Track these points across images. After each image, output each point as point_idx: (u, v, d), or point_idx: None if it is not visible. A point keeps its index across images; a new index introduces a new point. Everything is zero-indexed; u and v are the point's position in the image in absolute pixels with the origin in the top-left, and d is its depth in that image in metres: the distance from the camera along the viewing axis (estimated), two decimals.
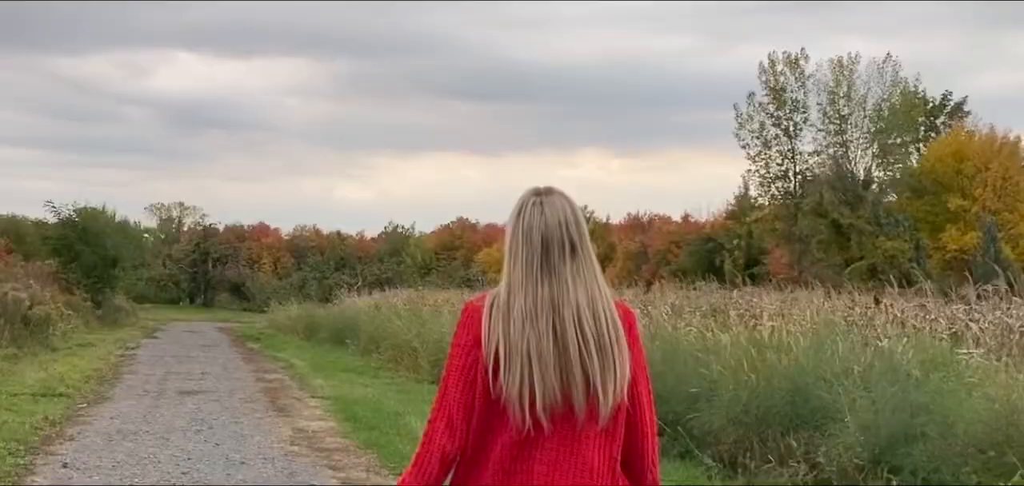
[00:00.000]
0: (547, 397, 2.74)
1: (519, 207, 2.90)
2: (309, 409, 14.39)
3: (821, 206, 49.63)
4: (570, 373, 2.76)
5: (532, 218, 2.86)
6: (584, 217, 2.97)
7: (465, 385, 2.80)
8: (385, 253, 68.69)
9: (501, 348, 2.75)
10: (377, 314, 25.41)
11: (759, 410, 9.62)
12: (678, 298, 19.41)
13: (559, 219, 2.86)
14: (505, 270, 2.87)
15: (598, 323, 2.80)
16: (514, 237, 2.87)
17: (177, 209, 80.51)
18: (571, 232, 2.86)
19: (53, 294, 27.51)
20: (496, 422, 2.79)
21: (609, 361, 2.78)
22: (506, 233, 2.93)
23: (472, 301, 2.92)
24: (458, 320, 2.89)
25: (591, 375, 2.76)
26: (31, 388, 15.02)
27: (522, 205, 2.90)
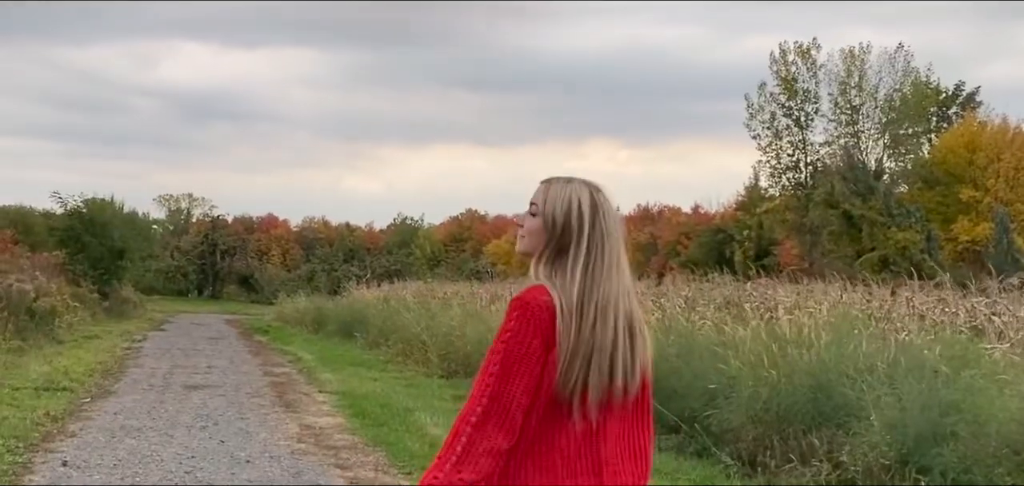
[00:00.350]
0: (601, 390, 2.80)
1: (591, 201, 2.92)
2: (316, 404, 14.12)
3: (832, 197, 49.31)
4: (617, 363, 2.83)
5: (611, 211, 2.92)
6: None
7: (529, 389, 2.77)
8: (394, 245, 68.46)
9: (572, 346, 2.77)
10: (386, 307, 25.15)
11: (780, 407, 9.33)
12: (691, 291, 19.13)
13: (618, 219, 2.95)
14: (579, 264, 2.84)
15: (633, 310, 2.90)
16: (595, 231, 2.87)
17: (186, 200, 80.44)
18: (621, 234, 2.93)
19: (59, 286, 27.26)
20: (558, 416, 2.81)
21: (639, 345, 2.89)
22: (578, 226, 2.89)
23: (531, 297, 2.84)
24: (516, 315, 2.81)
25: (629, 362, 2.86)
26: (34, 382, 14.77)
27: (595, 199, 2.93)
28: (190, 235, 70.06)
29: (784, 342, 9.89)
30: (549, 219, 2.94)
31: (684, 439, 10.86)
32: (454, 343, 17.98)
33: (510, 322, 2.82)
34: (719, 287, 19.27)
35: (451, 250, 75.05)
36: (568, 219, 2.91)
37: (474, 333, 17.37)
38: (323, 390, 15.73)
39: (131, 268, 40.19)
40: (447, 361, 18.23)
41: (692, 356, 11.39)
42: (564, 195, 2.95)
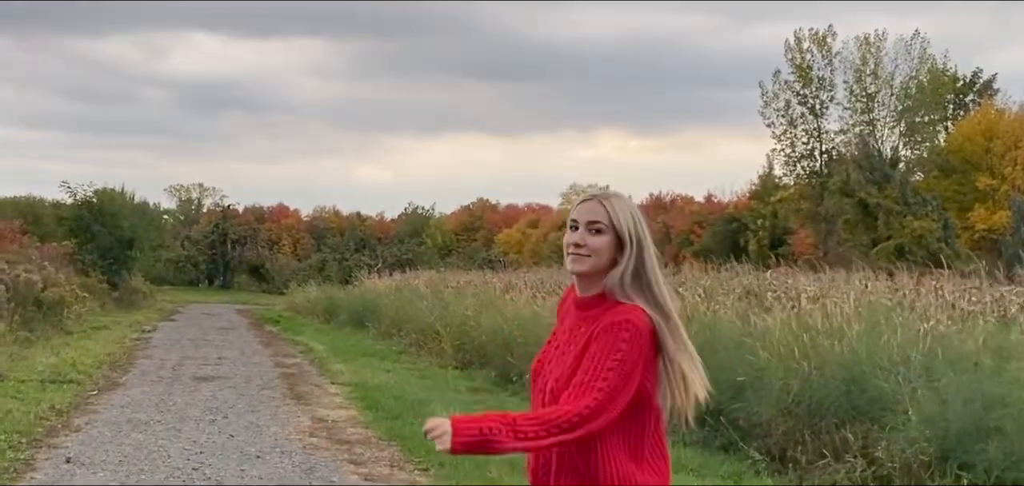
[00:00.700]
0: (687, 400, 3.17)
1: (637, 208, 3.11)
2: (329, 396, 13.78)
3: (848, 185, 48.89)
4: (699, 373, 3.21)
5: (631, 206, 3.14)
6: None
7: (627, 404, 2.98)
8: (405, 234, 68.12)
9: (674, 361, 3.12)
10: (398, 296, 24.79)
11: (811, 400, 8.94)
12: (710, 280, 18.77)
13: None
14: (659, 278, 3.08)
15: None
16: (649, 243, 3.09)
17: (197, 190, 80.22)
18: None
19: (68, 276, 26.99)
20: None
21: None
22: (642, 239, 3.06)
23: (637, 319, 2.99)
24: (627, 336, 2.97)
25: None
26: (40, 374, 14.45)
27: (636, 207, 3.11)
28: (201, 225, 69.82)
29: (815, 333, 9.49)
30: (623, 232, 3.05)
31: (709, 433, 10.47)
32: (469, 333, 17.62)
33: (622, 343, 2.94)
34: (738, 276, 18.91)
35: (462, 239, 74.72)
36: (636, 229, 3.06)
37: (489, 323, 17.01)
38: (335, 382, 15.39)
39: (141, 258, 39.92)
40: (461, 351, 17.87)
41: (716, 347, 11.00)
42: (625, 207, 3.09)
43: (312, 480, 8.48)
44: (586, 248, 3.07)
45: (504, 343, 15.71)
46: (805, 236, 52.81)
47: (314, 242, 69.88)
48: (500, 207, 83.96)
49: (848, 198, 48.65)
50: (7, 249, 25.93)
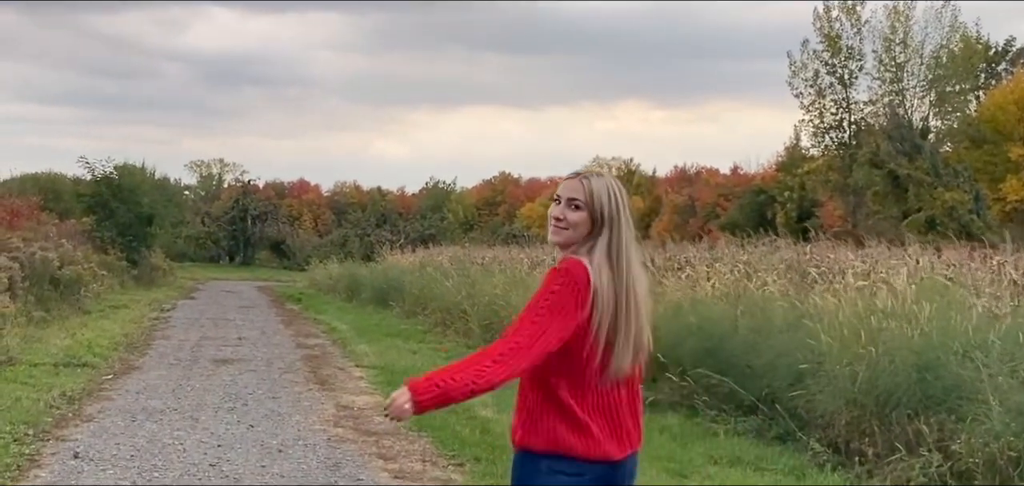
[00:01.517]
0: (627, 361, 3.33)
1: (620, 193, 3.36)
2: (353, 381, 13.13)
3: (877, 157, 48.08)
4: (641, 340, 3.40)
5: (629, 204, 3.39)
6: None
7: (561, 339, 3.28)
8: (427, 209, 67.47)
9: (605, 321, 3.30)
10: (422, 274, 24.11)
11: (881, 389, 8.21)
12: (748, 254, 18.06)
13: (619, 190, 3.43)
14: (613, 249, 3.31)
15: (641, 292, 3.42)
16: (622, 220, 3.32)
17: (217, 166, 79.82)
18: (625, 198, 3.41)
19: (86, 253, 26.43)
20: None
21: (645, 324, 3.45)
22: (613, 215, 3.32)
23: (572, 265, 3.31)
24: (560, 279, 3.30)
25: (644, 339, 3.42)
26: (54, 357, 13.85)
27: (621, 192, 3.39)
28: (221, 201, 69.35)
29: (883, 315, 8.74)
30: (596, 211, 3.34)
31: (763, 422, 9.78)
32: (498, 312, 16.92)
33: (554, 285, 3.26)
34: (777, 250, 18.18)
35: (484, 213, 74.12)
36: (609, 209, 3.32)
37: (520, 301, 16.27)
38: (360, 364, 14.75)
39: (161, 234, 39.38)
40: (490, 331, 17.17)
41: (769, 329, 10.30)
42: (603, 187, 3.36)
43: (338, 478, 7.81)
44: (565, 222, 3.37)
45: None
46: (833, 208, 52.17)
47: (335, 217, 69.38)
48: (522, 181, 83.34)
49: (878, 169, 47.87)
50: (22, 226, 25.36)
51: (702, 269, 17.15)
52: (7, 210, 27.51)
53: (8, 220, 26.17)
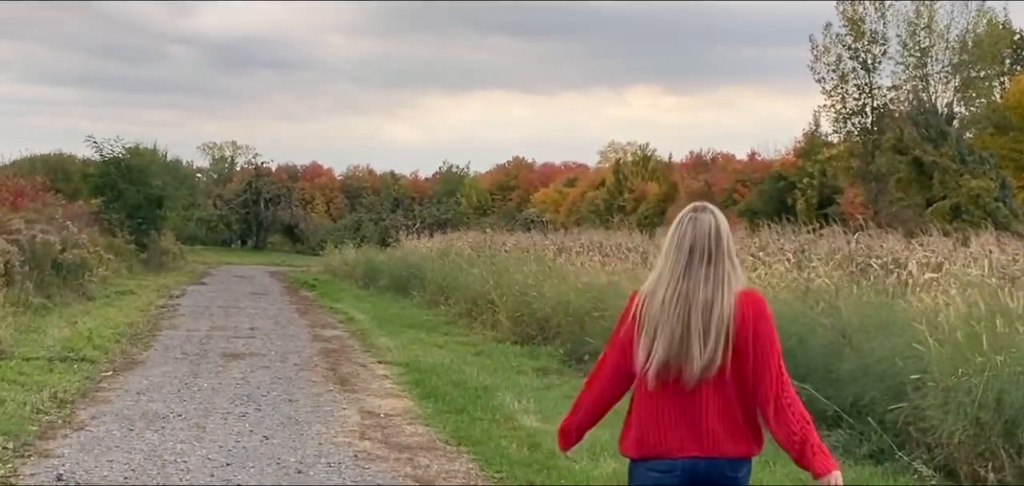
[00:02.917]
0: (662, 363, 3.66)
1: (677, 221, 3.81)
2: (377, 380, 11.91)
3: (902, 143, 46.90)
4: (688, 351, 3.64)
5: (685, 231, 3.74)
6: (725, 229, 3.78)
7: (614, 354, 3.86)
8: (441, 194, 66.24)
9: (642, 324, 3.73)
10: (444, 261, 22.86)
11: (1010, 406, 6.96)
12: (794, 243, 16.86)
13: (705, 232, 3.71)
14: (658, 265, 3.79)
15: (713, 313, 3.64)
16: (670, 243, 3.76)
17: (230, 149, 78.70)
18: (710, 244, 3.70)
19: (92, 236, 25.27)
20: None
21: (710, 343, 3.62)
22: (665, 239, 3.82)
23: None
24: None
25: (698, 354, 3.63)
26: (50, 350, 12.67)
27: (680, 219, 3.80)
28: (234, 184, 68.21)
29: (1014, 317, 7.47)
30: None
31: (852, 437, 8.54)
32: (530, 304, 15.69)
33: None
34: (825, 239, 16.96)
35: (498, 199, 72.90)
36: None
37: (554, 293, 15.10)
38: (382, 360, 13.54)
39: (171, 217, 38.23)
40: (520, 324, 15.97)
41: (861, 331, 9.06)
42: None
43: None
44: None
45: (574, 316, 13.80)
46: (854, 195, 50.98)
47: (348, 202, 68.19)
48: (536, 166, 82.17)
49: (901, 156, 46.81)
50: (25, 207, 24.18)
51: (747, 257, 15.96)
52: (10, 190, 26.32)
53: (11, 201, 24.98)
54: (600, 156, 78.87)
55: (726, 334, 3.62)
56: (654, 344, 3.63)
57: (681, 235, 3.71)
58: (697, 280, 3.65)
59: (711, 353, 3.59)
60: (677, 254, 3.69)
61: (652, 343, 3.64)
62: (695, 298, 3.63)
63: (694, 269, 3.66)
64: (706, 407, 3.64)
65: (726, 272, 3.69)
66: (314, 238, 56.70)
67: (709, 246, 3.68)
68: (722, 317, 3.62)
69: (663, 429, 3.65)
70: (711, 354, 3.59)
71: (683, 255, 3.68)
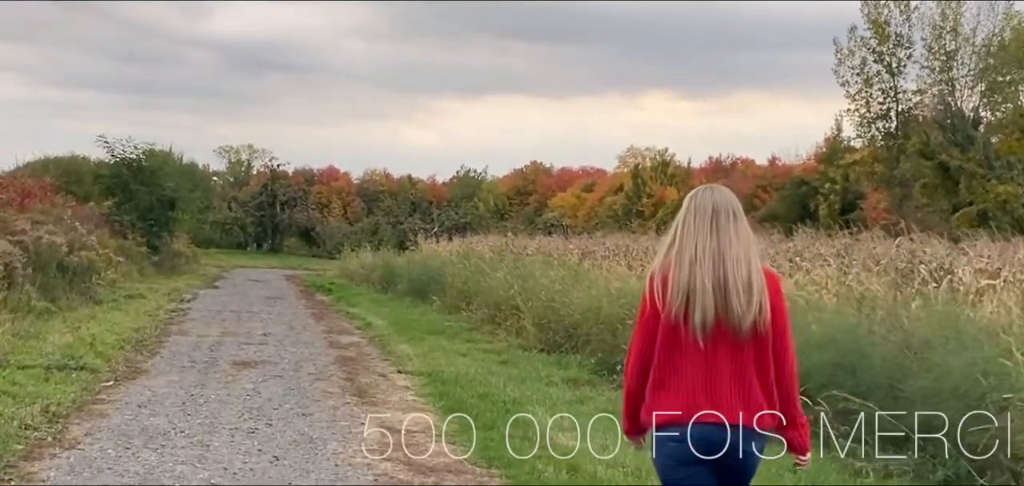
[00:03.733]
0: (706, 318, 3.80)
1: (692, 194, 4.00)
2: (397, 391, 11.08)
3: (928, 147, 46.13)
4: (727, 302, 3.80)
5: (703, 197, 3.95)
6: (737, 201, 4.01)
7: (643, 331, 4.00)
8: (458, 198, 65.53)
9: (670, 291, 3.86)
10: (466, 265, 22.00)
11: None
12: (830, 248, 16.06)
13: (725, 197, 3.94)
14: (674, 236, 3.93)
15: (750, 270, 3.82)
16: (688, 212, 3.92)
17: (246, 152, 78.14)
18: (733, 206, 3.92)
19: (102, 238, 24.55)
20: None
21: (754, 298, 3.79)
22: (681, 212, 3.96)
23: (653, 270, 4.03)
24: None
25: (740, 305, 3.79)
26: (48, 358, 11.87)
27: (695, 192, 4.00)
28: (250, 187, 67.60)
29: None
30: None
31: (923, 462, 7.67)
32: (557, 310, 14.83)
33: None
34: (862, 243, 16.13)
35: (515, 203, 72.16)
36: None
37: (583, 299, 14.24)
38: (403, 369, 12.70)
39: (184, 219, 37.51)
40: (547, 331, 15.11)
41: (928, 344, 8.19)
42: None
43: None
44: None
45: (606, 323, 12.94)
46: (878, 200, 50.22)
47: (365, 205, 67.52)
48: (553, 170, 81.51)
49: (927, 161, 46.15)
50: (32, 208, 23.46)
51: (783, 262, 15.14)
52: (18, 191, 25.64)
53: (19, 201, 24.29)
54: (618, 161, 78.24)
55: (764, 293, 3.81)
56: (691, 304, 3.77)
57: (701, 201, 3.89)
58: (728, 236, 3.81)
59: (756, 307, 3.77)
60: (700, 217, 3.84)
61: (687, 304, 3.78)
62: (728, 252, 3.79)
63: (722, 227, 3.82)
64: (740, 369, 3.84)
65: (750, 237, 3.88)
66: (331, 241, 56.02)
67: (732, 208, 3.87)
68: (760, 274, 3.82)
69: (695, 391, 3.82)
70: (757, 308, 3.77)
71: (707, 216, 3.83)
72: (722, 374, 3.80)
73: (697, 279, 3.77)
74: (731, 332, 3.77)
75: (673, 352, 3.84)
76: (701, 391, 3.79)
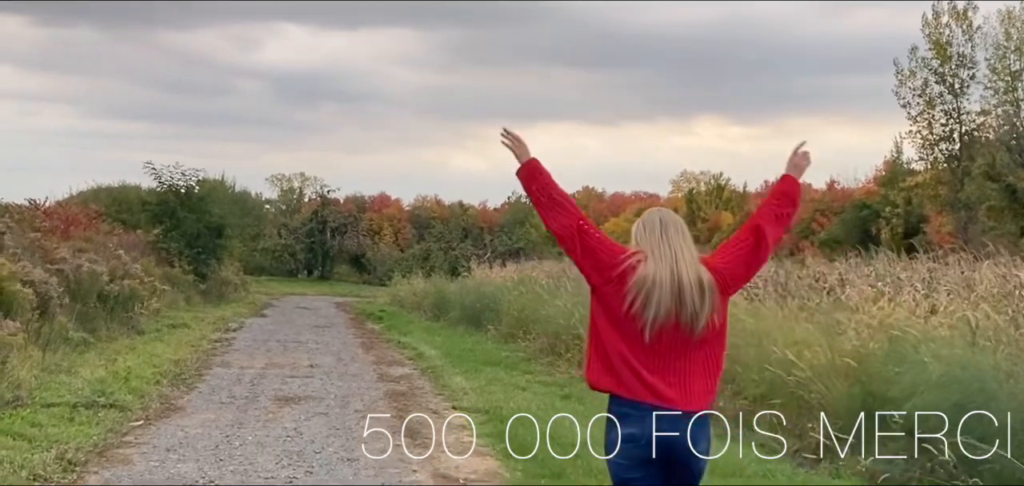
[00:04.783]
0: (656, 320, 4.20)
1: (643, 217, 4.41)
2: (453, 431, 10.05)
3: (993, 169, 44.55)
4: (681, 303, 4.19)
5: (653, 214, 4.42)
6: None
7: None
8: (511, 223, 64.61)
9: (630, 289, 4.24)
10: (522, 291, 20.92)
11: None
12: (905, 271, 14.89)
13: (673, 215, 4.41)
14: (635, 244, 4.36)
15: (701, 274, 4.23)
16: (641, 230, 4.36)
17: (298, 180, 77.88)
18: (680, 223, 4.38)
19: (147, 266, 23.79)
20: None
21: (706, 299, 4.20)
22: (633, 236, 4.40)
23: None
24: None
25: (694, 304, 4.19)
26: (77, 394, 10.98)
27: (645, 215, 4.43)
28: (301, 214, 67.15)
29: None
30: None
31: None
32: None
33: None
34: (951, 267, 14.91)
35: None
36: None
37: None
38: (458, 405, 11.67)
39: (234, 247, 36.82)
40: None
41: None
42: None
43: None
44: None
45: None
46: (941, 224, 48.74)
47: (416, 232, 66.80)
48: (606, 196, 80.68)
49: (993, 183, 44.51)
50: (75, 236, 22.75)
51: (865, 288, 13.92)
52: (62, 219, 24.97)
53: (62, 229, 23.59)
54: (672, 185, 77.17)
55: (716, 295, 4.19)
56: (648, 305, 4.12)
57: (651, 221, 4.31)
58: (679, 246, 4.21)
59: (710, 309, 4.15)
60: (651, 230, 4.26)
61: (644, 304, 4.12)
62: (680, 256, 4.19)
63: (672, 238, 4.22)
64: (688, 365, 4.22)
65: (695, 252, 4.27)
66: (382, 268, 55.26)
67: (679, 225, 4.28)
68: (711, 278, 4.19)
69: (641, 380, 4.19)
70: (710, 309, 4.14)
71: (657, 229, 4.25)
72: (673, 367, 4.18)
73: (653, 275, 4.13)
74: (684, 330, 4.15)
75: (623, 345, 4.20)
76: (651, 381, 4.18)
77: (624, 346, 4.19)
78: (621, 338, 4.19)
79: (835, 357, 9.49)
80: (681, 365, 4.17)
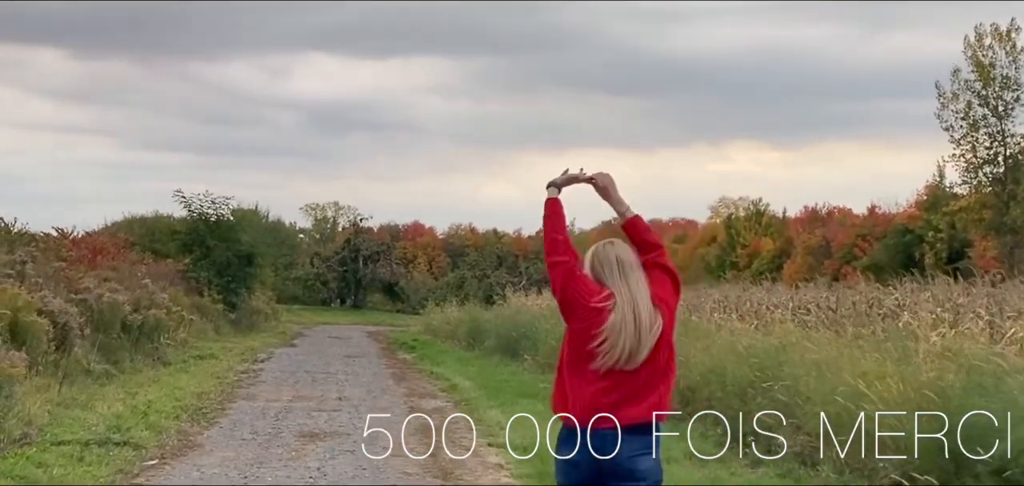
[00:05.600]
0: (615, 357, 4.44)
1: (593, 251, 4.64)
2: (490, 472, 9.31)
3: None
4: (640, 343, 4.42)
5: (607, 249, 4.61)
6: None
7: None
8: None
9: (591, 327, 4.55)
10: (560, 319, 20.14)
11: None
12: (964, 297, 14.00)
13: (625, 248, 4.59)
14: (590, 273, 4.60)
15: (652, 312, 4.44)
16: (594, 267, 4.58)
17: (332, 209, 77.69)
18: (631, 257, 4.54)
19: (176, 295, 23.24)
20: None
21: (655, 332, 4.44)
22: (589, 263, 4.61)
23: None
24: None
25: (649, 343, 4.43)
26: (91, 430, 10.35)
27: (595, 249, 4.65)
28: (334, 243, 66.76)
29: None
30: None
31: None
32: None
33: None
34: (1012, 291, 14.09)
35: None
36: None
37: (701, 358, 12.34)
38: (494, 442, 10.91)
39: (264, 275, 36.29)
40: None
41: None
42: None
43: None
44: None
45: (734, 387, 11.04)
46: (986, 248, 47.85)
47: (450, 260, 66.22)
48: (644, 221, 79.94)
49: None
50: (102, 265, 22.23)
51: (925, 315, 13.05)
52: (89, 248, 24.49)
53: (90, 258, 23.10)
54: (711, 211, 76.45)
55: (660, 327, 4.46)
56: (613, 349, 4.41)
57: (608, 259, 4.54)
58: (636, 286, 4.46)
59: (653, 342, 4.43)
60: (610, 271, 4.50)
61: (611, 348, 4.41)
62: (639, 298, 4.43)
63: (630, 279, 4.47)
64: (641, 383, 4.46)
65: (646, 288, 4.48)
66: (415, 296, 54.67)
67: (630, 260, 4.53)
68: (657, 314, 4.45)
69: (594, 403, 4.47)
70: (652, 342, 4.43)
71: (616, 269, 4.50)
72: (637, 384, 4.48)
73: (621, 323, 4.39)
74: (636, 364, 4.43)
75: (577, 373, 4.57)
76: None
77: (577, 374, 4.54)
78: (577, 364, 4.54)
79: (908, 389, 8.66)
80: (628, 382, 4.43)
